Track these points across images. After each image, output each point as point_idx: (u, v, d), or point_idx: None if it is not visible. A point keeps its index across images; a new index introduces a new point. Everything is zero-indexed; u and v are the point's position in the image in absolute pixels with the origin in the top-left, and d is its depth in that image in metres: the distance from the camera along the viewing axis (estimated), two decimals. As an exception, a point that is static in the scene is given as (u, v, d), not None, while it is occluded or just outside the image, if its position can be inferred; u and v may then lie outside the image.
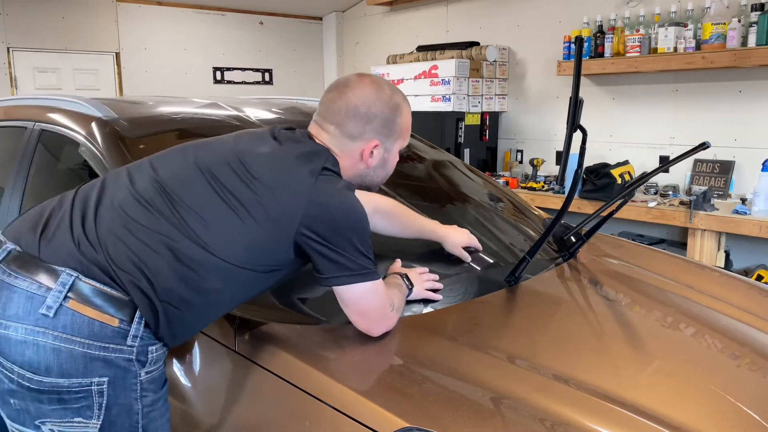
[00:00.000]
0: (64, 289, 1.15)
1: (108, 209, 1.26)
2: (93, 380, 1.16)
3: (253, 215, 1.25)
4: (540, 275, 1.88)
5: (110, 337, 1.17)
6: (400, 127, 1.43)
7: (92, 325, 1.15)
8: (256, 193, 1.27)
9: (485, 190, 2.47)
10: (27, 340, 1.14)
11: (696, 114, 4.21)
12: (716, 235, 3.61)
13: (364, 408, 1.17)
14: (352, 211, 1.30)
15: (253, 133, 1.44)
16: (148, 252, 1.21)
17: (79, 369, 1.15)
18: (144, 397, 1.23)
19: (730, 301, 1.86)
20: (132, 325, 1.19)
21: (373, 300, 1.35)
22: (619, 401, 1.25)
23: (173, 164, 1.34)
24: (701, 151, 1.78)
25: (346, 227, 1.29)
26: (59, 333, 1.14)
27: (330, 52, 7.14)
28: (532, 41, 5.14)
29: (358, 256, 1.30)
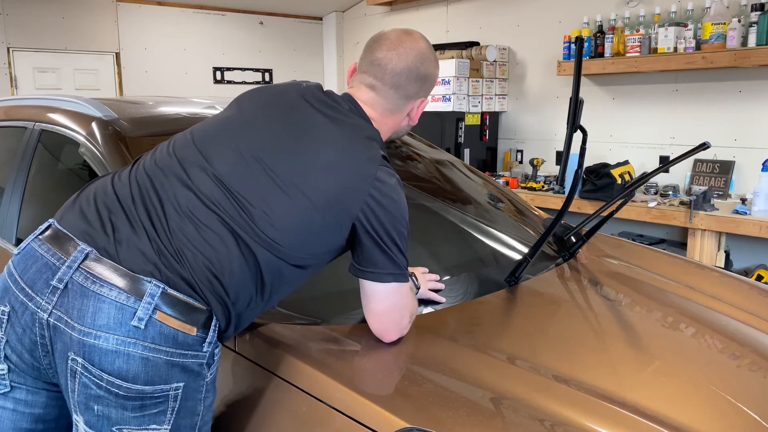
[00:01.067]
0: (153, 301, 1.16)
1: (177, 213, 1.24)
2: (172, 386, 1.18)
3: (314, 203, 1.26)
4: (540, 275, 1.88)
5: (190, 345, 1.19)
6: (434, 82, 1.47)
7: (176, 335, 1.17)
8: (317, 178, 1.27)
9: (485, 190, 2.47)
10: (119, 350, 1.14)
11: (696, 114, 4.21)
12: (716, 235, 3.61)
13: (364, 408, 1.17)
14: (404, 210, 1.32)
15: (289, 104, 1.37)
16: (223, 260, 1.21)
17: (162, 376, 1.16)
18: (206, 398, 1.25)
19: (730, 301, 1.86)
20: (209, 332, 1.21)
21: (397, 302, 1.36)
22: (619, 401, 1.25)
23: (226, 155, 1.30)
24: (701, 151, 1.78)
25: (397, 225, 1.30)
26: (148, 343, 1.15)
27: (330, 52, 7.14)
28: (532, 41, 5.14)
29: (398, 255, 1.31)
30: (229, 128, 1.35)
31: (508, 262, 1.91)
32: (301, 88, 1.40)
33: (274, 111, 1.36)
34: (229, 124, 1.36)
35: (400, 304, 1.37)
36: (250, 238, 1.23)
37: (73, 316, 1.15)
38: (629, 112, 4.56)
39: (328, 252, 1.34)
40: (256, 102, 1.40)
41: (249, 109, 1.38)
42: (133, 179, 1.30)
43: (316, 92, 1.39)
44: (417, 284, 1.61)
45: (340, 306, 1.61)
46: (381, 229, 1.29)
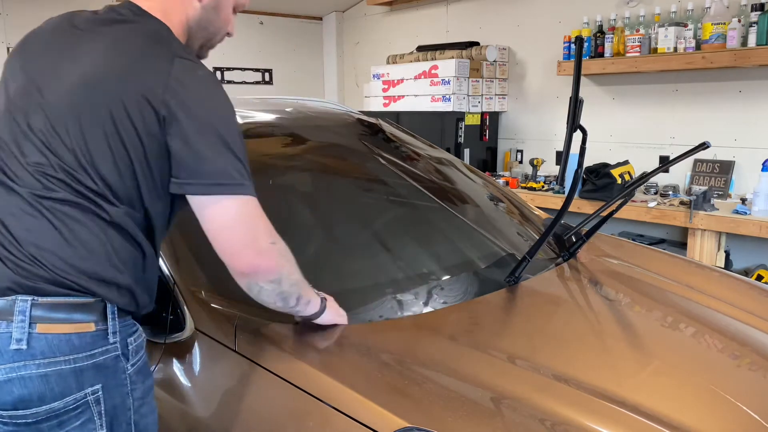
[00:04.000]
0: (26, 317, 1.06)
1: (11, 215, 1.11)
2: (86, 391, 1.11)
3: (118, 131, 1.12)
4: (540, 275, 1.88)
5: (92, 343, 1.11)
6: None
7: (70, 339, 1.09)
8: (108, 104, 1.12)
9: (485, 190, 2.47)
10: (11, 379, 1.06)
11: (696, 114, 4.21)
12: (716, 235, 3.61)
13: (364, 408, 1.17)
14: (224, 104, 1.17)
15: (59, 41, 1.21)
16: (76, 241, 1.10)
17: (71, 386, 1.09)
18: (134, 391, 1.18)
19: (730, 301, 1.86)
20: (108, 322, 1.13)
21: (248, 220, 1.17)
22: (619, 401, 1.25)
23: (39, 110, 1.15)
24: (701, 151, 1.78)
25: (216, 120, 1.15)
26: (40, 360, 1.07)
27: (330, 52, 7.14)
28: (532, 41, 5.14)
29: (232, 158, 1.15)
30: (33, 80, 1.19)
31: (507, 261, 1.91)
32: (60, 17, 1.25)
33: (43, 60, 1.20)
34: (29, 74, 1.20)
35: (250, 225, 1.18)
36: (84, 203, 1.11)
37: None
38: (629, 112, 4.55)
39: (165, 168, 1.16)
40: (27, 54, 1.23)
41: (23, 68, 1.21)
42: None
43: (87, 13, 1.24)
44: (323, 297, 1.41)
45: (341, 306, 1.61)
46: (192, 132, 1.12)
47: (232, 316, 1.45)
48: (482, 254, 1.97)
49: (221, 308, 1.49)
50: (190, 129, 1.13)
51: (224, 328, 1.44)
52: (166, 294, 1.51)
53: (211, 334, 1.45)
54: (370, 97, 5.62)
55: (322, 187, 2.12)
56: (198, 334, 1.47)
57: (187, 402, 1.43)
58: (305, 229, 1.91)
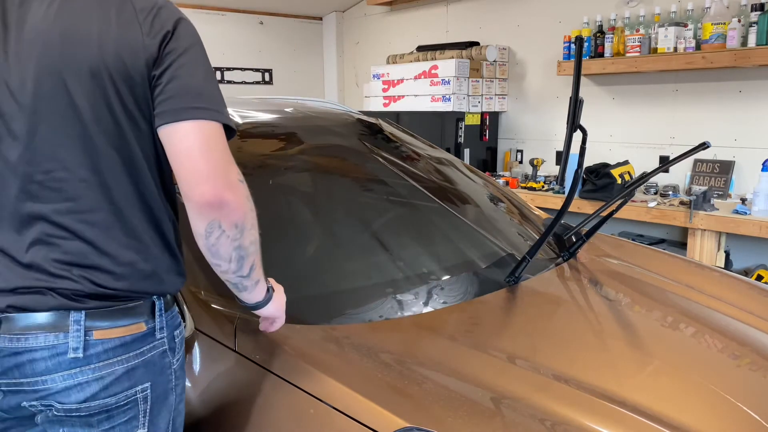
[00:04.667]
0: (81, 326, 1.09)
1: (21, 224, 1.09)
2: (137, 389, 1.14)
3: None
4: (540, 275, 1.88)
5: (142, 340, 1.14)
6: None
7: (124, 341, 1.12)
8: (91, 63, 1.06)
9: (485, 190, 2.47)
10: (69, 386, 1.09)
11: (696, 114, 4.21)
12: (716, 235, 3.61)
13: (364, 408, 1.17)
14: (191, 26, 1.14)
15: None
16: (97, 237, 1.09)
17: (124, 384, 1.12)
18: (177, 386, 1.21)
19: (730, 301, 1.86)
20: (156, 319, 1.16)
21: (221, 148, 1.09)
22: (619, 401, 1.25)
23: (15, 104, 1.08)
24: (701, 151, 1.78)
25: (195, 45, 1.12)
26: (96, 365, 1.09)
27: (330, 52, 7.14)
28: (532, 41, 5.14)
29: (212, 88, 1.11)
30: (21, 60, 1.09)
31: (507, 261, 1.91)
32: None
33: None
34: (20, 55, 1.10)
35: (220, 149, 1.09)
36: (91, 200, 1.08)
37: (15, 376, 1.08)
38: (629, 112, 4.55)
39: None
40: None
41: None
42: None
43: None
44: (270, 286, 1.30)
45: (340, 306, 1.61)
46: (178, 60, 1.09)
47: (232, 316, 1.45)
48: (482, 254, 1.97)
49: (221, 308, 1.49)
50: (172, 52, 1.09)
51: (224, 328, 1.44)
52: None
53: (211, 334, 1.45)
54: (370, 97, 5.62)
55: (322, 187, 2.12)
56: (198, 334, 1.47)
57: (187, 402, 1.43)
58: (305, 229, 1.91)
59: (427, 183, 2.20)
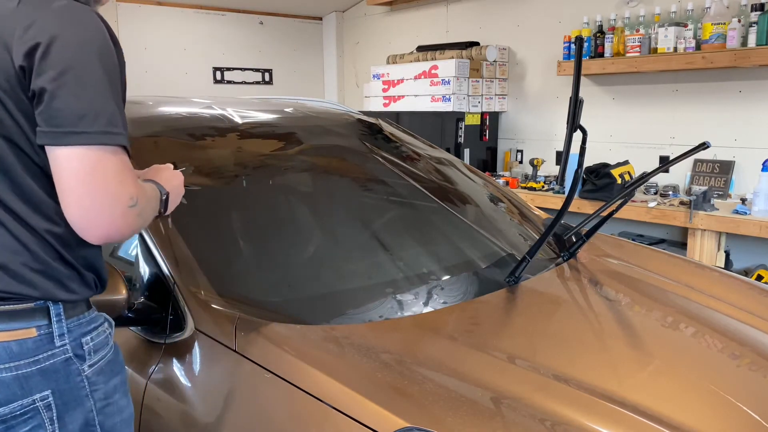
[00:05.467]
0: None
1: None
2: (35, 397, 1.05)
3: None
4: (540, 275, 1.88)
5: (34, 349, 1.05)
6: None
7: (8, 347, 1.03)
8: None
9: (485, 190, 2.47)
10: None
11: (696, 114, 4.21)
12: (716, 235, 3.61)
13: (364, 408, 1.17)
14: (86, 33, 1.00)
15: None
16: None
17: (16, 393, 1.04)
18: (95, 392, 1.13)
19: (730, 301, 1.86)
20: (53, 325, 1.06)
21: (109, 175, 0.99)
22: (619, 401, 1.25)
23: None
24: (701, 151, 1.78)
25: (89, 47, 0.99)
26: None
27: (330, 52, 7.14)
28: (532, 41, 5.14)
29: (101, 104, 0.99)
30: None
31: (507, 261, 1.91)
32: None
33: None
34: None
35: (108, 177, 0.99)
36: None
37: None
38: (629, 112, 4.56)
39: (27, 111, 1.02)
40: None
41: None
42: None
43: None
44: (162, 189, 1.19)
45: (340, 306, 1.61)
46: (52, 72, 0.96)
47: (232, 316, 1.45)
48: (482, 254, 1.98)
49: (221, 308, 1.49)
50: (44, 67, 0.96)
51: (224, 328, 1.44)
52: (166, 294, 1.51)
53: (211, 334, 1.45)
54: (370, 97, 5.62)
55: (322, 187, 2.12)
56: (198, 334, 1.47)
57: (187, 402, 1.43)
58: (305, 229, 1.91)
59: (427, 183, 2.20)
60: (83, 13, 1.02)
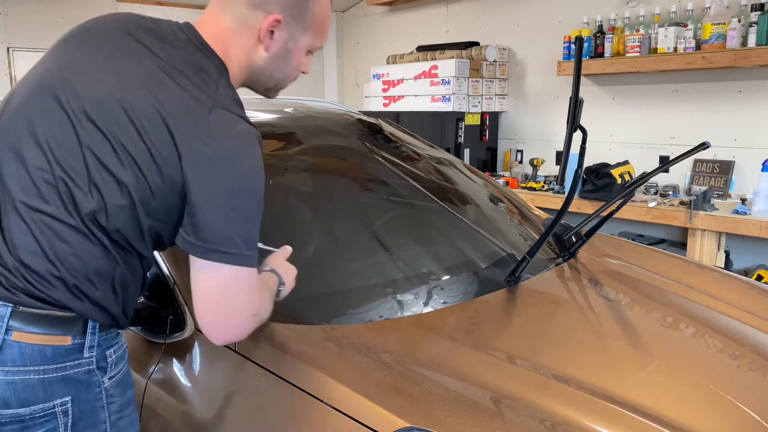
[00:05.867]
0: (4, 323, 1.04)
1: (8, 212, 1.07)
2: (56, 402, 1.08)
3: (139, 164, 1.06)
4: (540, 275, 1.88)
5: (65, 355, 1.09)
6: (313, 14, 1.20)
7: (43, 351, 1.06)
8: (138, 133, 1.06)
9: (485, 190, 2.47)
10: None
11: (696, 114, 4.21)
12: (716, 235, 3.61)
13: (364, 408, 1.17)
14: (250, 174, 1.08)
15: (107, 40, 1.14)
16: (67, 256, 1.07)
17: (38, 395, 1.07)
18: (111, 404, 1.16)
19: (730, 301, 1.86)
20: (86, 337, 1.11)
21: (240, 293, 1.11)
22: (619, 401, 1.25)
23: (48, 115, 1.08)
24: (701, 151, 1.78)
25: (237, 191, 1.08)
26: (9, 367, 1.05)
27: (330, 52, 7.14)
28: (532, 41, 5.14)
29: (246, 230, 1.08)
30: (46, 80, 1.12)
31: (507, 261, 1.91)
32: (125, 17, 1.19)
33: (88, 50, 1.13)
34: (45, 75, 1.13)
35: (244, 297, 1.12)
36: (82, 220, 1.06)
37: None
38: (629, 112, 4.56)
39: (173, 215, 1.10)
40: (70, 43, 1.17)
41: (63, 54, 1.16)
42: None
43: (144, 22, 1.18)
44: (281, 280, 1.30)
45: (340, 306, 1.61)
46: (213, 192, 1.06)
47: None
48: (482, 254, 1.97)
49: (221, 308, 1.48)
50: (207, 185, 1.06)
51: (224, 328, 1.44)
52: (166, 294, 1.51)
53: (211, 334, 1.45)
54: (370, 97, 5.62)
55: (322, 187, 2.12)
56: (198, 334, 1.47)
57: (187, 402, 1.43)
58: (305, 229, 1.91)
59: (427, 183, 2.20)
60: (254, 142, 1.11)
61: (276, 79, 1.26)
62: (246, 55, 1.19)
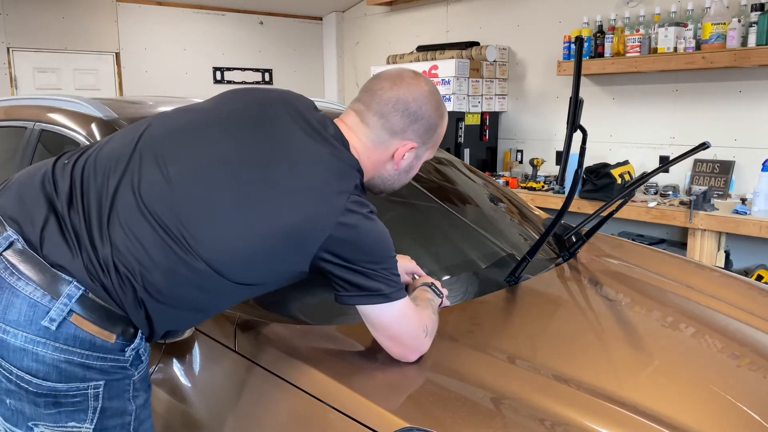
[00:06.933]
0: (70, 303, 1.12)
1: (111, 220, 1.17)
2: (89, 384, 1.15)
3: (269, 231, 1.17)
4: (540, 275, 1.88)
5: (109, 350, 1.16)
6: (438, 136, 1.37)
7: (93, 340, 1.14)
8: (278, 205, 1.17)
9: (485, 190, 2.47)
10: (27, 349, 1.11)
11: (696, 114, 4.21)
12: (716, 235, 3.61)
13: (364, 408, 1.17)
14: (377, 241, 1.23)
15: (270, 116, 1.27)
16: (150, 276, 1.16)
17: (77, 375, 1.14)
18: (136, 398, 1.22)
19: (730, 301, 1.86)
20: (132, 340, 1.19)
21: (405, 324, 1.28)
22: (619, 401, 1.25)
23: (184, 158, 1.21)
24: (701, 151, 1.78)
25: (372, 256, 1.22)
26: (60, 345, 1.12)
27: (330, 52, 7.14)
28: (532, 41, 5.14)
29: (384, 275, 1.24)
30: (197, 129, 1.26)
31: (507, 261, 1.91)
32: (289, 101, 1.31)
33: (251, 120, 1.26)
34: (198, 124, 1.27)
35: (410, 326, 1.29)
36: (185, 257, 1.15)
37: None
38: (629, 112, 4.56)
39: (282, 278, 1.26)
40: (234, 105, 1.31)
41: (224, 112, 1.29)
42: (77, 173, 1.23)
43: (304, 109, 1.30)
44: (439, 294, 1.50)
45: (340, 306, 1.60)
46: (355, 261, 1.21)
47: (232, 316, 1.45)
48: (482, 254, 1.98)
49: (221, 308, 1.48)
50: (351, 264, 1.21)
51: (224, 328, 1.44)
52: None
53: (211, 334, 1.45)
54: (370, 97, 5.61)
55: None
56: (198, 334, 1.47)
57: (187, 402, 1.43)
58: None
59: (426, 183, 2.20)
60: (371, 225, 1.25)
61: (394, 187, 1.41)
62: (377, 163, 1.33)
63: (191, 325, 1.43)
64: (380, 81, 1.32)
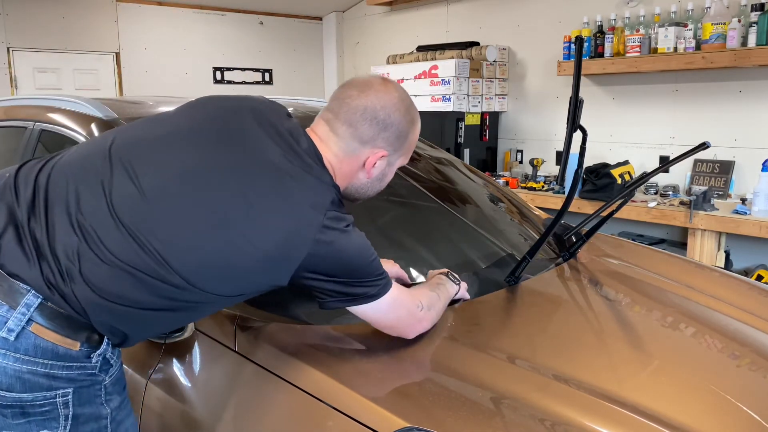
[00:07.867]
0: (28, 312, 1.09)
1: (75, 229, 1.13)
2: (57, 392, 1.13)
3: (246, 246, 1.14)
4: (540, 275, 1.88)
5: (75, 358, 1.14)
6: (410, 142, 1.37)
7: (56, 349, 1.12)
8: (254, 220, 1.15)
9: (485, 190, 2.47)
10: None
11: (696, 114, 4.21)
12: (716, 235, 3.61)
13: (364, 408, 1.17)
14: (355, 254, 1.23)
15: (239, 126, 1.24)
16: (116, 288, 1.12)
17: (42, 385, 1.12)
18: (110, 401, 1.21)
19: (730, 301, 1.86)
20: (101, 346, 1.17)
21: (398, 310, 1.32)
22: (619, 401, 1.24)
23: (154, 171, 1.17)
24: (701, 151, 1.78)
25: (351, 270, 1.23)
26: (21, 355, 1.09)
27: (330, 52, 7.14)
28: (532, 41, 5.14)
29: (370, 281, 1.26)
30: (168, 142, 1.22)
31: (507, 261, 1.91)
32: (259, 111, 1.28)
33: (224, 132, 1.23)
34: (169, 137, 1.23)
35: (403, 309, 1.33)
36: (159, 269, 1.13)
37: None
38: (629, 112, 4.56)
39: (262, 290, 1.25)
40: (203, 115, 1.28)
41: (194, 122, 1.26)
42: (41, 181, 1.20)
43: (276, 120, 1.27)
44: (455, 280, 1.58)
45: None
46: (335, 275, 1.22)
47: (232, 316, 1.45)
48: (482, 254, 1.97)
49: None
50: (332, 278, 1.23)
51: (224, 328, 1.44)
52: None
53: (211, 334, 1.45)
54: (370, 97, 5.61)
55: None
56: (198, 334, 1.47)
57: (187, 402, 1.43)
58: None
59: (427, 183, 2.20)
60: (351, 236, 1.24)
61: (368, 195, 1.41)
62: (350, 173, 1.32)
63: (165, 331, 1.42)
64: (348, 89, 1.30)
